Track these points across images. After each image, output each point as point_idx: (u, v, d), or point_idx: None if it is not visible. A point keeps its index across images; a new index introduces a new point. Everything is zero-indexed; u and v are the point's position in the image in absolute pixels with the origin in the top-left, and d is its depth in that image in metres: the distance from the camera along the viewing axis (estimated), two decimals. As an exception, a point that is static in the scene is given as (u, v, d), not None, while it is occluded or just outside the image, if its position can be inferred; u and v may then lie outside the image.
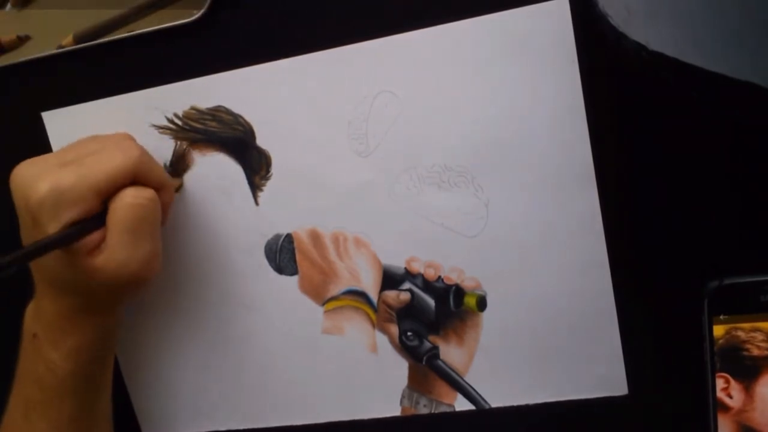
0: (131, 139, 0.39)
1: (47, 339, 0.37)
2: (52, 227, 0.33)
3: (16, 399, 0.38)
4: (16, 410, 0.38)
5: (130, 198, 0.34)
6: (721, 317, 0.33)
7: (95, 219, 0.34)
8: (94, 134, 0.39)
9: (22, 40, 0.42)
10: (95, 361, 0.38)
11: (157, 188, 0.36)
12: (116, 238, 0.34)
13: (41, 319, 0.37)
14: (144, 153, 0.36)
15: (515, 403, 0.39)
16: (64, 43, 0.41)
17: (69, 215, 0.33)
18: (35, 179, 0.33)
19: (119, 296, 0.37)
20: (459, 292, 0.39)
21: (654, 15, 0.28)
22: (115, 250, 0.34)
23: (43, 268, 0.36)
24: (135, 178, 0.35)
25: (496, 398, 0.39)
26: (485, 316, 0.39)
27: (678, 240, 0.36)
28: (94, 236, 0.34)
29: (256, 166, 0.40)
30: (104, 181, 0.34)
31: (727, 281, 0.33)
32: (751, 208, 0.35)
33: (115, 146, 0.36)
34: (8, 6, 0.42)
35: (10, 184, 0.35)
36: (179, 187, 0.41)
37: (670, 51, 0.27)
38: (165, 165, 0.41)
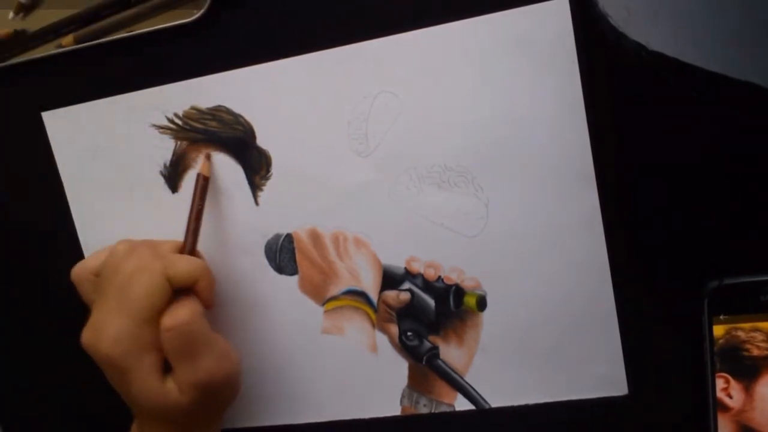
0: (150, 248, 0.38)
1: None
2: (139, 370, 0.35)
3: None
4: None
5: (167, 332, 0.35)
6: (721, 317, 0.33)
7: None
8: (117, 254, 0.37)
9: (18, 34, 0.42)
10: None
11: (192, 282, 0.37)
12: (176, 366, 0.35)
13: None
14: (164, 259, 0.36)
15: (515, 403, 0.39)
16: (64, 43, 0.41)
17: (141, 356, 0.34)
18: (97, 340, 0.35)
19: (214, 409, 0.38)
20: (459, 292, 0.39)
21: (654, 15, 0.28)
22: (180, 375, 0.35)
23: (137, 402, 0.36)
24: (171, 285, 0.35)
25: (496, 398, 0.39)
26: (485, 316, 0.39)
27: (678, 240, 0.36)
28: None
29: (256, 166, 0.40)
30: (148, 312, 0.35)
31: (727, 281, 0.33)
32: (750, 208, 0.35)
33: (137, 271, 0.35)
34: (11, 14, 0.42)
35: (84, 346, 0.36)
36: (209, 160, 0.40)
37: (670, 51, 0.27)
38: (165, 165, 0.41)
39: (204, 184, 0.40)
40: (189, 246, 0.39)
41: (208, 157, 0.40)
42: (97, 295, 0.37)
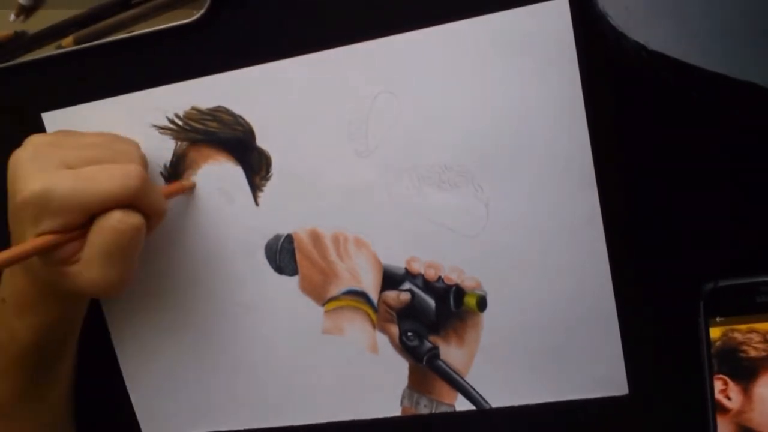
0: (138, 159, 0.38)
1: (14, 307, 0.37)
2: (30, 231, 0.33)
3: None
4: None
5: (115, 222, 0.33)
6: (718, 319, 0.33)
7: (77, 229, 0.34)
8: (111, 133, 0.38)
9: (19, 36, 0.42)
10: (56, 340, 0.39)
11: (149, 214, 0.36)
12: (93, 256, 0.34)
13: (12, 287, 0.37)
14: (145, 181, 0.35)
15: (516, 403, 0.39)
16: (64, 43, 0.41)
17: (49, 224, 0.33)
18: (28, 177, 0.33)
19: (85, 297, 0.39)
20: (459, 292, 0.39)
21: (654, 15, 0.28)
22: (89, 267, 0.34)
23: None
24: (129, 203, 0.34)
25: (497, 398, 0.39)
26: (485, 316, 0.39)
27: (679, 240, 0.36)
28: (73, 245, 0.34)
29: (256, 166, 0.40)
30: (96, 203, 0.33)
31: (722, 283, 0.33)
32: (750, 208, 0.34)
33: (118, 168, 0.34)
34: (12, 16, 0.42)
35: (8, 166, 0.35)
36: (192, 188, 0.41)
37: (670, 51, 0.27)
38: (165, 165, 0.41)
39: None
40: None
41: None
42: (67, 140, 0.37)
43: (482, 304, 0.39)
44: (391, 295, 0.40)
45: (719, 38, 0.26)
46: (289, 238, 0.40)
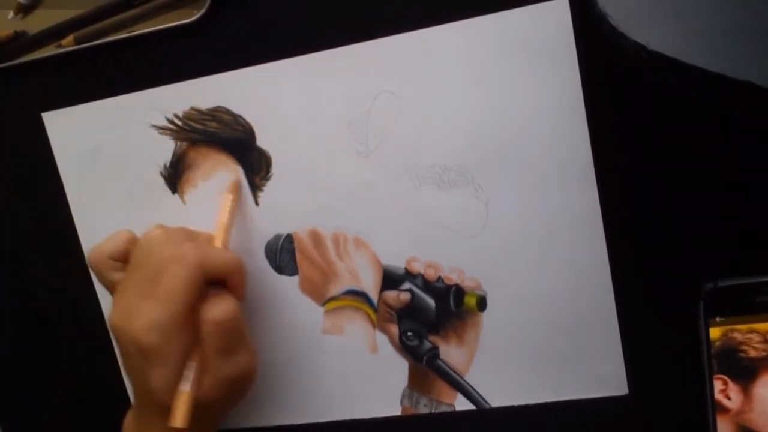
0: (178, 237, 0.37)
1: None
2: (172, 367, 0.34)
3: None
4: None
5: (209, 325, 0.34)
6: (717, 319, 0.33)
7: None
8: (152, 239, 0.37)
9: (19, 36, 0.42)
10: None
11: (226, 275, 0.36)
12: (213, 359, 0.35)
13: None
14: (199, 251, 0.35)
15: (515, 403, 0.39)
16: (64, 43, 0.41)
17: (179, 347, 0.34)
18: (128, 324, 0.34)
19: (226, 407, 0.38)
20: (459, 292, 0.39)
21: (654, 15, 0.28)
22: (216, 369, 0.35)
23: (152, 392, 0.35)
24: (206, 277, 0.35)
25: (497, 398, 0.39)
26: (485, 316, 0.39)
27: (679, 240, 0.36)
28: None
29: (256, 166, 0.40)
30: (185, 308, 0.34)
31: (722, 283, 0.33)
32: (750, 208, 0.34)
33: (173, 261, 0.35)
34: (11, 14, 0.42)
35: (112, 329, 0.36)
36: (239, 185, 0.40)
37: (670, 51, 0.27)
38: (165, 165, 0.41)
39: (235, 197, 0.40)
40: (222, 239, 0.38)
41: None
42: (127, 278, 0.36)
43: (482, 304, 0.39)
44: (391, 295, 0.40)
45: (719, 38, 0.26)
46: (289, 238, 0.40)
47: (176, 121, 0.41)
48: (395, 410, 0.41)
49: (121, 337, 0.35)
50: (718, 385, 0.33)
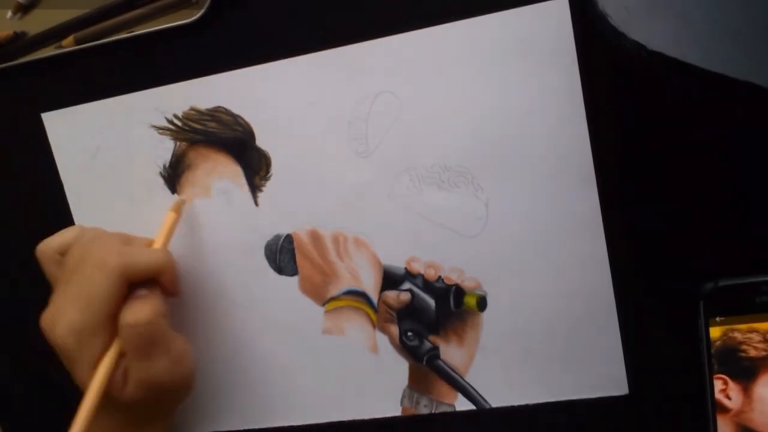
0: (110, 242, 0.37)
1: None
2: (85, 369, 0.35)
3: None
4: None
5: (126, 329, 0.35)
6: (718, 319, 0.33)
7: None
8: (77, 249, 0.37)
9: (18, 36, 0.42)
10: None
11: (154, 276, 0.37)
12: (132, 362, 0.35)
13: (96, 429, 0.37)
14: (123, 257, 0.35)
15: (516, 403, 0.39)
16: (64, 43, 0.41)
17: (91, 352, 0.35)
18: (51, 327, 0.35)
19: (167, 403, 0.38)
20: (459, 292, 0.39)
21: (653, 14, 0.28)
22: (135, 372, 0.35)
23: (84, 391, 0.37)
24: (128, 281, 0.36)
25: (497, 398, 0.39)
26: (485, 316, 0.39)
27: (679, 240, 0.36)
28: (121, 367, 0.35)
29: (255, 166, 0.40)
30: (103, 310, 0.35)
31: (722, 283, 0.33)
32: (750, 207, 0.34)
33: (96, 267, 0.35)
34: (9, 14, 0.42)
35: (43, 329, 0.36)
36: (182, 205, 0.41)
37: (669, 51, 0.27)
38: (164, 166, 0.41)
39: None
40: (161, 243, 0.39)
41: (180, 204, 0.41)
42: (61, 280, 0.37)
43: (482, 304, 0.39)
44: (391, 295, 0.40)
45: (719, 38, 0.26)
46: (289, 238, 0.40)
47: (176, 121, 0.41)
48: (395, 410, 0.41)
49: (48, 339, 0.36)
50: (718, 384, 0.33)
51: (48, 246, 0.39)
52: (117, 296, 0.35)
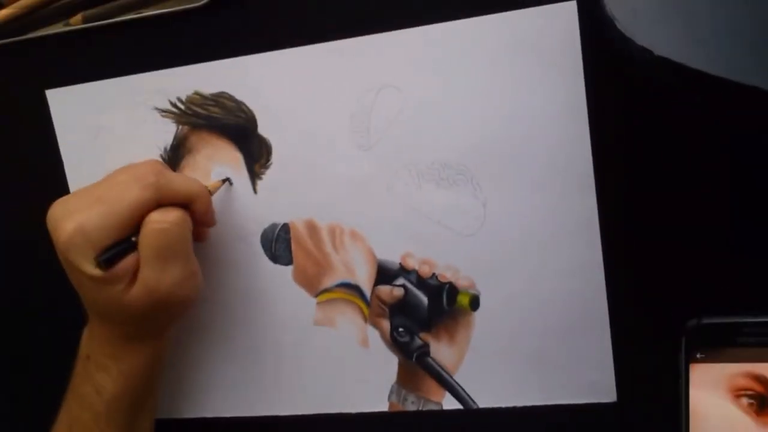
0: (152, 164, 0.38)
1: (98, 362, 0.37)
2: (85, 265, 0.34)
3: (63, 417, 0.39)
4: (61, 428, 0.39)
5: (152, 224, 0.35)
6: (698, 356, 0.33)
7: (129, 247, 0.35)
8: (125, 165, 0.38)
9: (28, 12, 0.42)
10: (142, 385, 0.38)
11: (186, 203, 0.36)
12: (145, 264, 0.35)
13: (93, 343, 0.38)
14: (161, 176, 0.36)
15: (503, 405, 0.39)
16: (72, 21, 0.41)
17: (95, 252, 0.34)
18: (62, 219, 0.34)
19: (164, 320, 0.38)
20: (452, 290, 0.39)
21: (660, 19, 0.28)
22: (146, 276, 0.35)
23: (88, 299, 0.37)
24: (160, 202, 0.35)
25: (484, 399, 0.39)
26: (478, 315, 0.38)
27: (675, 249, 0.35)
28: (130, 264, 0.35)
29: (256, 154, 0.40)
30: (126, 216, 0.34)
31: (705, 320, 0.33)
32: (751, 213, 0.34)
33: (133, 178, 0.35)
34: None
35: (47, 224, 0.36)
36: (224, 182, 0.40)
37: (675, 55, 0.27)
38: (165, 149, 0.41)
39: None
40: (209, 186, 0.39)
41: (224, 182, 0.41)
42: (93, 184, 0.37)
43: (475, 303, 0.38)
44: (385, 289, 0.40)
45: (725, 43, 0.26)
46: (286, 228, 0.40)
47: (179, 104, 0.41)
48: (383, 406, 0.41)
49: (53, 231, 0.35)
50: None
51: None
52: (144, 208, 0.35)
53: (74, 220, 0.34)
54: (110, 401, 0.37)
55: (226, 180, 0.40)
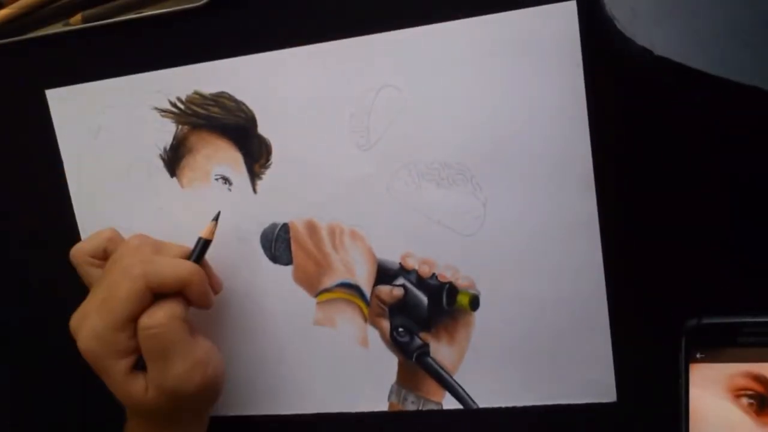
0: (138, 249, 0.38)
1: None
2: (108, 369, 0.36)
3: None
4: None
5: (142, 331, 0.35)
6: (698, 356, 0.33)
7: None
8: (114, 255, 0.38)
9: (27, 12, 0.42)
10: None
11: (180, 288, 0.36)
12: (149, 365, 0.36)
13: None
14: (149, 265, 0.36)
15: (503, 405, 0.39)
16: (72, 21, 0.41)
17: (110, 359, 0.35)
18: (78, 329, 0.36)
19: (191, 411, 0.38)
20: (452, 290, 0.39)
21: (660, 19, 0.28)
22: (152, 376, 0.36)
23: (119, 398, 0.37)
24: (153, 291, 0.36)
25: (484, 398, 0.39)
26: (477, 315, 0.38)
27: (675, 249, 0.35)
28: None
29: (256, 154, 0.40)
30: (126, 313, 0.35)
31: (705, 320, 0.33)
32: (750, 214, 0.34)
33: (121, 273, 0.36)
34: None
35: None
36: (216, 220, 0.40)
37: (675, 55, 0.27)
38: (165, 149, 0.41)
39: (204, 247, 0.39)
40: (193, 256, 0.38)
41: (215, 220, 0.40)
42: (97, 282, 0.37)
43: (475, 303, 0.38)
44: (384, 289, 0.40)
45: (725, 43, 0.26)
46: (285, 228, 0.40)
47: (179, 104, 0.41)
48: (382, 406, 0.41)
49: (74, 337, 0.36)
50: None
51: (80, 250, 0.39)
52: (139, 303, 0.35)
53: (87, 326, 0.35)
54: None
55: (217, 215, 0.40)
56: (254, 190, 0.40)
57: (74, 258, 0.39)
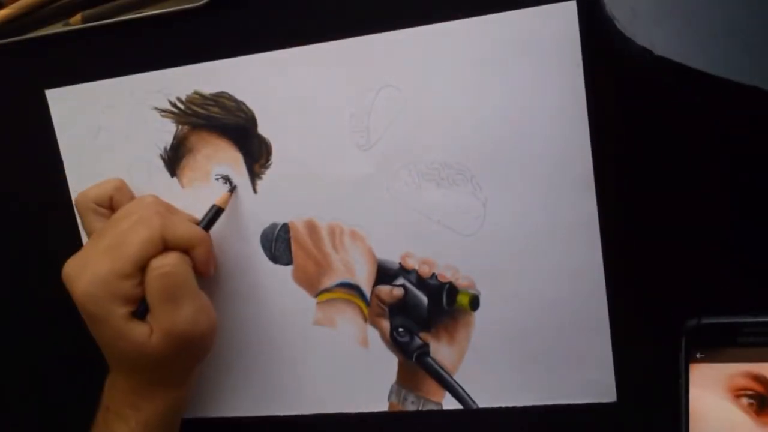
0: (154, 204, 0.38)
1: (117, 412, 0.38)
2: (110, 315, 0.35)
3: None
4: None
5: (154, 270, 0.35)
6: (698, 356, 0.33)
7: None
8: (127, 206, 0.39)
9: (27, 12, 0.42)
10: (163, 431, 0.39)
11: (187, 248, 0.37)
12: (156, 309, 0.36)
13: (114, 393, 0.38)
14: (166, 219, 0.37)
15: (503, 405, 0.39)
16: (71, 21, 0.41)
17: (117, 300, 0.35)
18: (77, 275, 0.36)
19: (185, 362, 0.38)
20: (452, 290, 0.39)
21: (660, 19, 0.28)
22: (160, 320, 0.35)
23: (110, 349, 0.37)
24: (165, 245, 0.36)
25: (484, 398, 0.39)
26: (477, 315, 0.38)
27: (675, 249, 0.35)
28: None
29: (256, 154, 0.40)
30: (138, 258, 0.35)
31: (705, 320, 0.33)
32: (750, 215, 0.34)
33: (138, 222, 0.36)
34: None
35: (63, 281, 0.37)
36: (231, 192, 0.40)
37: (675, 55, 0.27)
38: (165, 148, 0.41)
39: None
40: (204, 222, 0.39)
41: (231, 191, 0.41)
42: (99, 232, 0.37)
43: (475, 303, 0.38)
44: (384, 289, 0.40)
45: (725, 43, 0.26)
46: (286, 228, 0.40)
47: (179, 104, 0.41)
48: (382, 406, 0.41)
49: (69, 290, 0.36)
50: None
51: (85, 196, 0.40)
52: (153, 250, 0.36)
53: (89, 272, 0.35)
54: None
55: (234, 188, 0.40)
56: (254, 190, 0.40)
57: (78, 204, 0.40)
